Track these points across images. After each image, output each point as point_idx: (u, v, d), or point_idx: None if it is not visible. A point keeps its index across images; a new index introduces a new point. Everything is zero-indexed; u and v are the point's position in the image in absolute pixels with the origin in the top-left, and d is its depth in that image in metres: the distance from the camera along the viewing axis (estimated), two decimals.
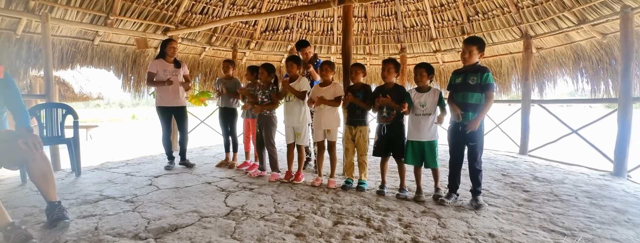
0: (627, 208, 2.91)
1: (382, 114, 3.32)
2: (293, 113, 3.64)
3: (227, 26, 6.64)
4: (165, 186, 3.48)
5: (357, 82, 3.48)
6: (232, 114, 4.54)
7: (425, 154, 3.15)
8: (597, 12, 4.87)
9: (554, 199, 3.16)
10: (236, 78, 4.65)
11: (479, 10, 6.24)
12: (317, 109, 3.59)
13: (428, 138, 3.13)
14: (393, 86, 3.35)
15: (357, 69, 3.44)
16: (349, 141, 3.52)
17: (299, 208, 2.83)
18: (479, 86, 2.89)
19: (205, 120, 7.14)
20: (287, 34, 7.30)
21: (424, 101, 3.14)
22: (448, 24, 6.75)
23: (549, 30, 5.61)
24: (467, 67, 3.00)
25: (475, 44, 2.93)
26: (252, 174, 3.92)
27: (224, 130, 4.58)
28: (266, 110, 3.78)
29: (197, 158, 5.22)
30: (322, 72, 3.55)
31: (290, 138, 3.74)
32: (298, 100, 3.62)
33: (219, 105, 4.59)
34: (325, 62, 3.57)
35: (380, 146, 3.36)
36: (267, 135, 3.80)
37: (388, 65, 3.29)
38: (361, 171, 3.52)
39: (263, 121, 3.81)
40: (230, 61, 4.63)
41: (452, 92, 3.08)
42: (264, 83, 3.83)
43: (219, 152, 5.79)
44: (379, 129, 3.35)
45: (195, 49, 6.72)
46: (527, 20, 5.75)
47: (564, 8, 5.14)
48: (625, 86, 4.39)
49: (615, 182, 3.88)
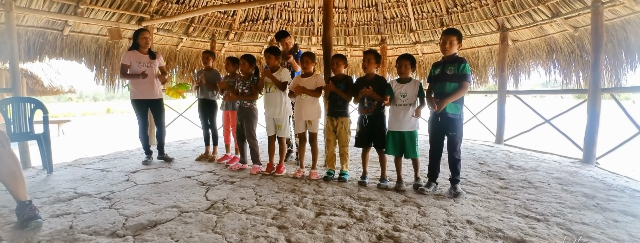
0: (595, 193, 3.06)
1: (363, 105, 3.33)
2: (273, 105, 3.60)
3: (205, 16, 6.46)
4: (143, 181, 3.39)
5: (339, 73, 3.47)
6: (211, 107, 4.45)
7: (405, 144, 3.19)
8: (570, 6, 5.02)
9: (528, 186, 3.29)
10: (216, 70, 4.55)
11: (457, 3, 6.32)
12: (298, 101, 3.56)
13: (408, 129, 3.17)
14: (374, 77, 3.37)
15: (338, 60, 3.43)
16: (330, 133, 3.52)
17: (281, 200, 2.82)
18: (456, 76, 2.93)
19: (184, 113, 6.99)
20: (267, 25, 7.18)
21: (405, 91, 3.17)
22: (427, 16, 6.81)
23: (524, 23, 5.76)
24: (445, 58, 3.05)
25: (455, 34, 2.97)
26: (233, 167, 3.87)
27: (204, 123, 4.49)
28: (246, 102, 3.72)
29: (176, 152, 5.11)
30: (303, 64, 3.52)
31: (271, 130, 3.71)
32: (279, 91, 3.58)
33: (198, 97, 4.48)
34: (306, 53, 3.54)
35: (362, 137, 3.38)
36: (248, 127, 3.75)
37: (369, 56, 3.30)
38: (343, 162, 3.54)
39: (244, 113, 3.76)
40: (210, 52, 4.52)
41: (431, 83, 3.13)
42: (245, 74, 3.77)
43: (198, 145, 5.68)
44: (360, 120, 3.37)
45: (171, 39, 6.52)
46: (503, 13, 5.87)
47: (539, 1, 5.26)
48: (595, 78, 4.57)
49: (584, 169, 4.08)
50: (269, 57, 3.55)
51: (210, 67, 4.46)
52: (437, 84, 3.05)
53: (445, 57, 3.05)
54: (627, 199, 2.90)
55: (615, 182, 3.46)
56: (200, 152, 4.87)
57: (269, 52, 3.55)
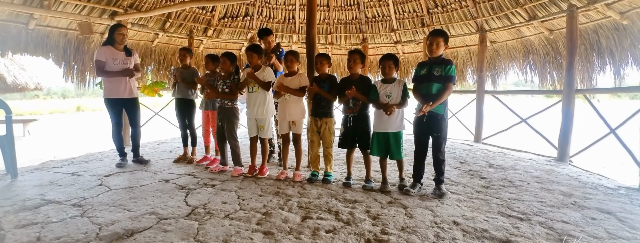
0: (572, 191, 3.17)
1: (348, 105, 3.30)
2: (256, 105, 3.49)
3: (182, 12, 6.23)
4: (118, 186, 3.20)
5: (323, 73, 3.41)
6: (189, 106, 4.28)
7: (390, 145, 3.18)
8: (546, 9, 5.18)
9: (509, 185, 3.37)
10: (194, 68, 4.38)
11: (438, 4, 6.39)
12: (281, 101, 3.48)
13: (393, 129, 3.15)
14: (358, 77, 3.33)
15: (322, 59, 3.37)
16: (314, 133, 3.46)
17: (265, 204, 2.73)
18: (442, 77, 2.95)
19: (160, 112, 6.73)
20: (247, 22, 7.01)
21: (390, 92, 3.16)
22: (409, 15, 6.85)
23: (502, 25, 5.90)
24: (432, 59, 3.06)
25: (442, 36, 2.99)
26: (213, 169, 3.74)
27: (181, 123, 4.32)
28: (227, 101, 3.60)
29: (152, 153, 4.90)
30: (286, 63, 3.44)
31: (253, 130, 3.61)
32: (262, 91, 3.48)
33: (175, 96, 4.30)
34: (290, 53, 3.45)
35: (346, 138, 3.34)
36: (229, 128, 3.63)
37: (354, 56, 3.26)
38: (327, 163, 3.49)
39: (224, 113, 3.63)
40: (187, 50, 4.34)
41: (417, 84, 3.13)
42: (225, 73, 3.64)
43: (176, 146, 5.48)
44: (345, 121, 3.33)
45: (147, 35, 6.25)
46: (482, 14, 5.98)
47: (517, 4, 5.40)
48: (569, 79, 4.74)
49: (559, 167, 4.22)
50: (251, 56, 3.44)
51: (187, 65, 4.29)
52: (423, 85, 3.05)
53: (431, 58, 3.06)
54: (601, 196, 3.02)
55: (589, 180, 3.60)
56: (178, 153, 4.68)
57: (251, 51, 3.44)
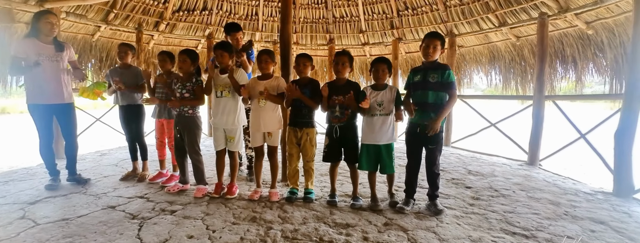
0: (557, 199, 3.13)
1: (334, 114, 2.91)
2: (226, 112, 2.97)
3: (129, 1, 5.42)
4: (47, 218, 2.48)
5: (304, 76, 2.99)
6: (137, 113, 3.58)
7: (382, 158, 2.87)
8: (516, 16, 5.23)
9: (497, 195, 3.25)
10: (137, 67, 3.68)
11: (409, 6, 6.25)
12: (255, 108, 2.99)
13: (385, 141, 2.85)
14: (346, 82, 2.97)
15: (304, 60, 2.95)
16: (293, 146, 3.03)
17: (242, 235, 2.25)
18: (439, 84, 2.71)
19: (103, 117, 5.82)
20: (204, 16, 6.34)
21: (381, 99, 2.84)
22: (378, 16, 6.65)
23: (471, 30, 5.89)
24: (426, 64, 2.81)
25: (439, 38, 2.75)
26: (171, 189, 3.14)
27: (129, 134, 3.62)
28: (187, 108, 3.03)
29: (93, 168, 4.11)
30: (261, 64, 2.96)
31: (221, 143, 3.08)
32: (233, 96, 2.97)
33: (119, 103, 3.58)
34: (264, 52, 2.98)
35: (332, 151, 2.96)
36: (190, 140, 3.07)
37: (342, 58, 2.89)
38: (307, 179, 3.09)
39: (184, 122, 3.06)
40: (128, 45, 3.63)
41: (410, 90, 2.88)
42: (185, 74, 3.07)
43: (122, 158, 4.70)
44: (330, 131, 2.94)
45: (86, 27, 5.33)
46: (453, 19, 5.94)
47: (488, 10, 5.40)
48: (539, 85, 4.78)
49: (533, 172, 4.24)
50: (221, 55, 2.92)
51: (128, 64, 3.59)
52: (417, 92, 2.78)
53: (426, 62, 2.81)
54: (586, 204, 3.00)
55: (566, 185, 3.61)
56: (126, 168, 3.98)
57: (221, 49, 2.92)
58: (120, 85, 3.35)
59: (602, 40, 4.65)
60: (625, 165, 3.39)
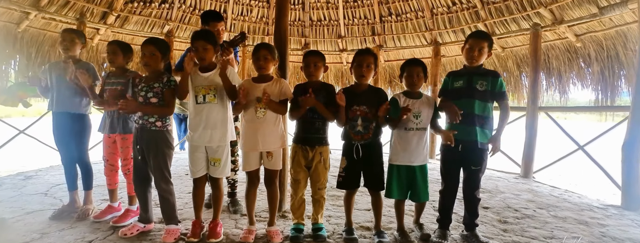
0: (579, 217, 2.96)
1: (355, 128, 2.28)
2: (209, 125, 2.19)
3: None
4: None
5: (316, 79, 2.33)
6: (80, 125, 2.62)
7: (415, 183, 2.32)
8: (506, 26, 5.08)
9: (521, 216, 2.96)
10: (88, 63, 2.73)
11: (393, 12, 5.89)
12: (251, 120, 2.24)
13: (420, 162, 2.33)
14: (368, 88, 2.36)
15: (316, 59, 2.29)
16: (302, 169, 2.33)
17: None
18: (488, 93, 2.28)
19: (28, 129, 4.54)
20: (163, 10, 5.37)
21: (418, 110, 2.30)
22: (359, 22, 6.20)
23: (456, 39, 5.66)
24: (470, 68, 2.34)
25: (487, 39, 2.31)
26: (127, 231, 2.23)
27: (66, 153, 2.65)
28: (153, 119, 2.19)
29: (13, 200, 3.00)
30: (258, 62, 2.25)
31: (200, 167, 2.27)
32: (220, 102, 2.21)
33: (53, 109, 2.62)
34: (263, 46, 2.28)
35: (351, 175, 2.33)
36: (157, 163, 2.21)
37: (367, 59, 2.29)
38: (318, 212, 2.42)
39: (149, 139, 2.20)
40: (76, 32, 2.69)
41: (446, 98, 2.38)
42: (151, 72, 2.23)
43: (55, 183, 3.58)
44: (350, 151, 2.30)
45: (8, 13, 4.12)
46: (438, 27, 5.67)
47: (478, 19, 5.19)
48: (533, 96, 4.61)
49: (532, 185, 4.16)
50: (204, 48, 2.14)
51: (76, 57, 2.66)
52: (460, 101, 2.28)
53: (470, 67, 2.33)
54: (610, 221, 2.86)
55: (573, 199, 3.53)
56: (61, 198, 2.94)
57: (204, 40, 2.14)
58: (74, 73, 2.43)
59: (589, 53, 4.62)
60: (634, 177, 3.28)
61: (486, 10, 5.06)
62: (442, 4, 5.41)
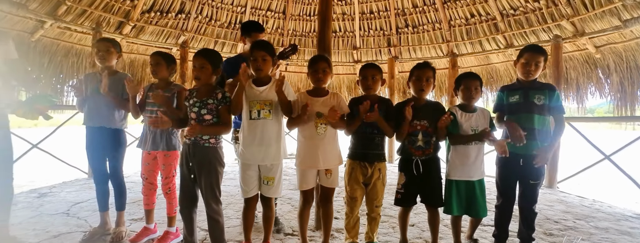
0: (621, 228, 2.91)
1: (415, 143, 2.20)
2: (264, 142, 2.07)
3: None
4: None
5: (373, 93, 2.24)
6: (116, 140, 2.48)
7: (474, 198, 2.25)
8: (525, 38, 5.10)
9: (564, 227, 2.90)
10: (124, 74, 2.58)
11: (409, 23, 5.89)
12: (309, 137, 2.13)
13: (479, 176, 2.28)
14: (427, 103, 2.31)
15: (374, 72, 2.22)
16: (359, 187, 2.22)
17: None
18: (546, 107, 2.24)
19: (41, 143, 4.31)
20: (179, 21, 5.26)
21: (476, 124, 2.26)
22: (375, 33, 6.18)
23: (474, 50, 5.67)
24: (525, 83, 2.31)
25: (544, 54, 2.28)
26: None
27: (98, 170, 2.50)
28: (209, 137, 2.06)
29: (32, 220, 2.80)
30: (317, 74, 2.15)
31: (253, 186, 2.14)
32: (276, 117, 2.10)
33: (87, 123, 2.48)
34: (321, 58, 2.19)
35: (410, 191, 2.26)
36: (209, 182, 2.07)
37: (427, 73, 2.25)
38: (373, 230, 2.31)
39: (203, 156, 2.06)
40: (111, 41, 2.54)
41: (506, 114, 2.35)
42: (204, 87, 2.11)
43: (74, 202, 3.37)
44: (409, 166, 2.22)
45: (23, 22, 3.96)
46: (455, 38, 5.68)
47: (497, 31, 5.21)
48: None
49: (560, 195, 4.05)
50: (263, 58, 2.05)
51: (112, 67, 2.53)
52: (519, 116, 2.25)
53: (524, 81, 2.30)
54: None
55: (605, 209, 3.50)
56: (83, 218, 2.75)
57: (264, 50, 2.05)
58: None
59: (608, 64, 4.66)
60: None
61: (505, 22, 5.09)
62: (460, 16, 5.43)
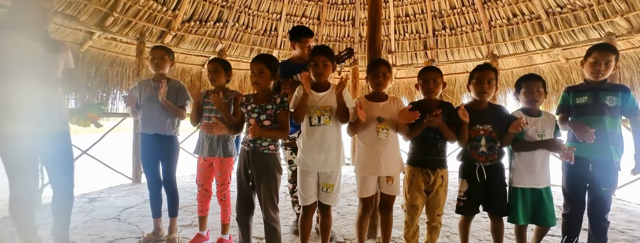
0: None
1: (478, 149, 2.09)
2: (324, 148, 2.02)
3: (133, 5, 4.34)
4: None
5: (433, 97, 2.15)
6: (169, 147, 2.52)
7: (542, 207, 2.10)
8: (572, 37, 4.84)
9: (632, 238, 2.74)
10: (177, 81, 2.63)
11: (447, 25, 5.74)
12: (370, 142, 2.07)
13: (545, 184, 2.13)
14: (489, 106, 2.19)
15: (436, 75, 2.12)
16: (420, 194, 2.12)
17: None
18: (619, 109, 2.11)
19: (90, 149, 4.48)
20: (217, 29, 5.36)
21: (542, 129, 2.15)
22: (410, 36, 6.06)
23: (515, 51, 5.45)
24: (593, 83, 2.18)
25: (615, 52, 2.16)
26: None
27: (152, 176, 2.53)
28: (268, 143, 2.03)
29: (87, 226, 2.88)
30: (377, 79, 2.09)
31: (312, 193, 2.09)
32: (336, 123, 2.05)
33: (141, 130, 2.52)
34: (382, 62, 2.14)
35: (473, 199, 2.13)
36: (268, 190, 2.03)
37: (488, 74, 2.14)
38: (435, 239, 2.20)
39: (261, 163, 2.03)
40: (165, 49, 2.58)
41: (572, 116, 2.23)
42: (261, 92, 2.09)
43: (123, 207, 3.46)
44: (472, 173, 2.10)
45: (74, 34, 4.14)
46: (496, 39, 5.48)
47: (541, 30, 4.99)
48: None
49: (618, 203, 3.81)
50: (324, 63, 2.01)
51: (166, 75, 2.57)
52: (589, 118, 2.12)
53: (593, 81, 2.17)
54: None
55: None
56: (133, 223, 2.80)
57: (325, 55, 2.01)
58: (162, 91, 2.33)
59: None
60: None
61: (551, 20, 4.86)
62: (501, 16, 5.24)
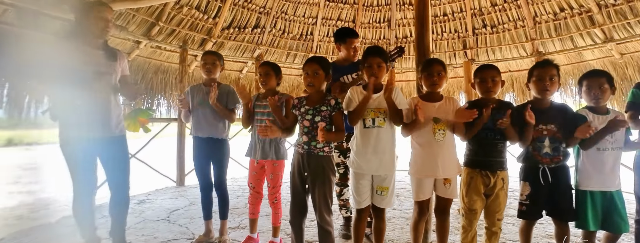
0: None
1: (542, 150, 1.98)
2: (379, 150, 1.98)
3: (176, 14, 4.53)
4: None
5: (492, 96, 2.06)
6: (220, 150, 2.57)
7: (615, 211, 1.96)
8: (628, 30, 4.52)
9: None
10: (228, 85, 2.68)
11: (487, 23, 5.54)
12: (427, 144, 2.01)
13: (616, 187, 1.99)
14: (552, 105, 2.08)
15: (494, 73, 2.04)
16: (480, 198, 2.03)
17: None
18: None
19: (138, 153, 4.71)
20: (255, 35, 5.48)
21: None
22: (448, 36, 5.89)
23: (563, 47, 5.16)
24: None
25: None
26: None
27: (204, 179, 2.60)
28: (323, 146, 2.02)
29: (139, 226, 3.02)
30: (432, 78, 2.04)
31: (366, 196, 2.06)
32: (390, 125, 2.01)
33: (193, 134, 2.60)
34: (437, 61, 2.09)
35: (537, 203, 2.02)
36: (323, 192, 2.02)
37: (549, 71, 2.03)
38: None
39: (317, 165, 2.02)
40: (217, 54, 2.62)
41: (635, 113, 2.13)
42: (314, 94, 2.09)
43: (172, 209, 3.60)
44: (535, 175, 1.99)
45: (123, 43, 4.38)
46: (541, 36, 5.21)
47: (592, 24, 4.70)
48: None
49: None
50: (379, 64, 1.99)
51: (217, 79, 2.63)
52: None
53: None
54: None
55: None
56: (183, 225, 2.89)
57: (379, 56, 1.99)
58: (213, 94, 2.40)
59: None
60: None
61: (604, 13, 4.56)
62: (547, 11, 4.98)
